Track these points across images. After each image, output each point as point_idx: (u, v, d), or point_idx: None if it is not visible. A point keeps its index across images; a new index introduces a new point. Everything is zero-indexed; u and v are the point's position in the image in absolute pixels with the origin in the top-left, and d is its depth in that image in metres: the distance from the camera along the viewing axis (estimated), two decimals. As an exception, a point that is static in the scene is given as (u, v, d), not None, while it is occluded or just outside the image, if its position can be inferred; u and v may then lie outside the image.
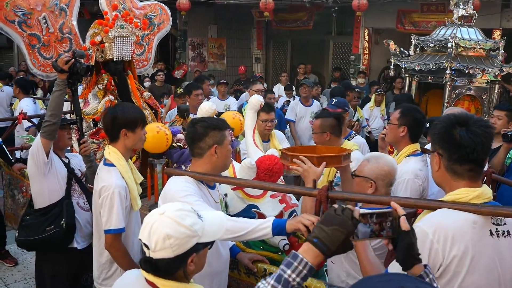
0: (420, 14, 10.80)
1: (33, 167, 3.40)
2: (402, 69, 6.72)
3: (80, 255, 3.50)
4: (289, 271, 1.48)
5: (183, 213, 1.73)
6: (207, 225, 1.76)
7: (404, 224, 1.60)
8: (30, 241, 3.47)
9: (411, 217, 2.29)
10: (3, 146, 5.24)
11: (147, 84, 10.23)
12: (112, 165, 2.91)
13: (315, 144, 3.80)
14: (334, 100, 4.66)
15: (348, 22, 11.97)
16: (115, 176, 2.87)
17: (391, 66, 7.08)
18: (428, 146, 3.56)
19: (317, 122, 3.76)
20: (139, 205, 3.01)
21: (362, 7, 9.37)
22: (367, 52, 11.48)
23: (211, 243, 1.81)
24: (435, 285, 1.58)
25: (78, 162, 3.74)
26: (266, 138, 4.78)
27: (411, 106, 3.57)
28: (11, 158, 5.21)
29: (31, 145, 5.13)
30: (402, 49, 6.93)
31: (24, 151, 6.12)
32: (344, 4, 10.12)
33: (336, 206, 1.58)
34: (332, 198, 2.23)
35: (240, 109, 6.08)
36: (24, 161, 5.82)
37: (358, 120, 6.77)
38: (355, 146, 3.93)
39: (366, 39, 11.38)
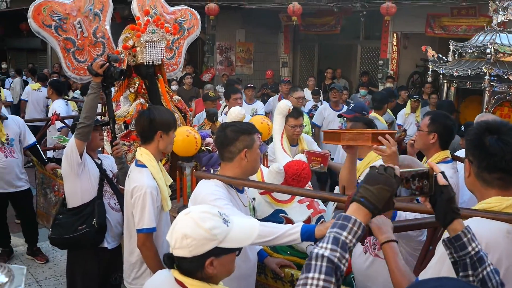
0: (450, 18, 10.62)
1: (67, 167, 3.49)
2: (440, 75, 6.68)
3: (110, 255, 3.58)
4: (345, 233, 1.47)
5: (206, 216, 1.75)
6: (233, 232, 1.76)
7: (441, 180, 1.63)
8: (62, 239, 3.55)
9: (437, 226, 2.27)
10: (38, 146, 5.39)
11: (174, 87, 10.35)
12: (143, 166, 2.98)
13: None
14: (351, 105, 4.64)
15: (376, 26, 11.87)
16: (147, 177, 2.93)
17: (429, 72, 7.04)
18: (460, 153, 3.53)
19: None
20: (169, 205, 3.06)
21: (391, 11, 9.31)
22: (396, 57, 11.37)
23: (238, 250, 1.81)
24: (474, 244, 1.57)
25: (110, 164, 3.82)
26: (294, 142, 4.81)
27: (441, 113, 3.54)
28: (44, 157, 5.35)
29: (63, 145, 5.29)
30: (440, 55, 6.88)
31: (56, 151, 6.28)
32: (373, 8, 10.06)
33: (377, 166, 1.59)
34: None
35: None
36: (56, 160, 5.96)
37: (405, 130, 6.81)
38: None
39: (395, 43, 11.27)
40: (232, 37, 13.70)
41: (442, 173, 1.65)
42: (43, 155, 5.34)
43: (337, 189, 4.02)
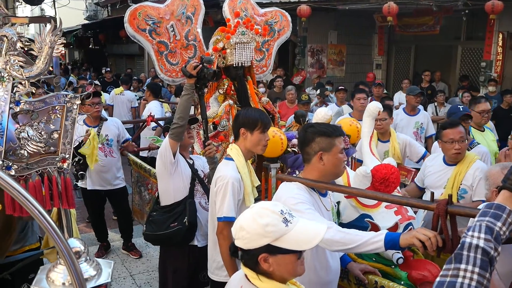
0: None
1: (161, 166, 3.60)
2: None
3: (199, 253, 3.65)
4: (499, 224, 1.34)
5: (265, 212, 1.75)
6: (292, 233, 1.73)
7: None
8: (155, 236, 3.68)
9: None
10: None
11: (261, 90, 10.35)
12: (231, 159, 3.05)
13: None
14: (461, 106, 4.40)
15: (480, 26, 11.17)
16: (231, 169, 3.00)
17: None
18: None
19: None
20: (252, 201, 3.06)
21: (497, 9, 8.70)
22: (501, 59, 10.60)
23: (298, 252, 1.77)
24: None
25: (201, 164, 3.90)
26: (386, 137, 4.71)
27: None
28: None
29: (157, 146, 5.51)
30: None
31: (150, 151, 6.57)
32: (476, 6, 9.47)
33: None
34: (451, 213, 2.08)
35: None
36: (150, 160, 6.24)
37: None
38: (476, 156, 3.83)
39: (500, 44, 10.52)
40: (324, 39, 13.57)
41: None
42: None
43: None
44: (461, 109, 4.25)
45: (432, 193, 2.34)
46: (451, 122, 3.98)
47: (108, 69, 15.80)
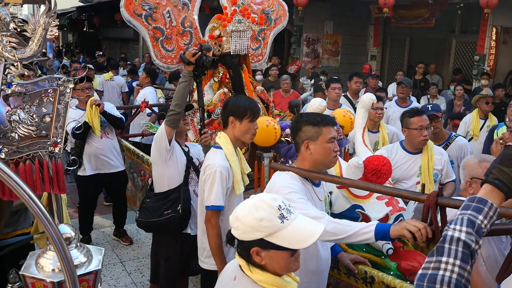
0: (558, 11, 9.77)
1: (156, 153, 3.58)
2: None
3: (192, 241, 3.62)
4: (481, 217, 1.36)
5: (262, 205, 1.72)
6: (287, 230, 1.70)
7: None
8: (148, 223, 3.68)
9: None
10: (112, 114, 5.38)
11: (258, 77, 10.36)
12: (219, 147, 3.04)
13: None
14: (429, 106, 4.52)
15: (474, 19, 11.19)
16: (220, 157, 2.98)
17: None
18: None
19: None
20: (241, 189, 3.07)
21: (492, 3, 8.71)
22: (494, 53, 10.64)
23: (292, 250, 1.73)
24: None
25: (197, 152, 3.88)
26: (376, 127, 4.81)
27: None
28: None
29: (150, 132, 5.49)
30: None
31: (144, 137, 6.55)
32: (471, 0, 9.48)
33: None
34: (441, 205, 2.10)
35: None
36: (144, 146, 6.21)
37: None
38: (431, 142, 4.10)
39: (493, 38, 10.55)
40: (320, 29, 13.52)
41: None
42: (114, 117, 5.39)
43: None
44: (430, 109, 4.42)
45: (423, 185, 2.36)
46: (417, 111, 4.10)
47: (101, 53, 15.60)
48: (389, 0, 9.69)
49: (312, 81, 9.90)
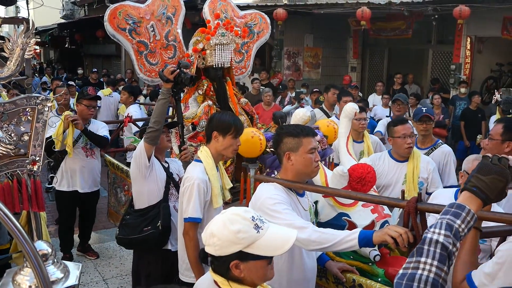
0: (529, 21, 10.05)
1: (135, 169, 3.57)
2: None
3: (173, 257, 3.59)
4: (458, 221, 1.45)
5: (236, 218, 1.73)
6: (263, 239, 1.72)
7: None
8: (128, 240, 3.64)
9: (509, 235, 2.17)
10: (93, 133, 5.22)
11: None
12: (199, 161, 3.07)
13: None
14: (423, 109, 4.53)
15: (449, 30, 11.46)
16: (199, 170, 3.01)
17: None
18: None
19: None
20: (219, 203, 3.09)
21: (464, 14, 8.96)
22: (469, 61, 10.90)
23: (268, 258, 1.77)
24: None
25: (177, 167, 3.87)
26: (360, 137, 4.86)
27: None
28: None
29: (135, 146, 5.45)
30: None
31: (129, 152, 6.50)
32: (445, 12, 9.71)
33: (490, 155, 1.59)
34: (421, 210, 2.17)
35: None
36: (128, 164, 6.13)
37: None
38: (418, 151, 4.12)
39: (468, 47, 10.82)
40: (300, 42, 13.69)
41: None
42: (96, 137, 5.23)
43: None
44: (423, 111, 4.49)
45: (403, 191, 2.43)
46: (400, 119, 4.17)
47: (81, 70, 15.51)
48: (366, 13, 9.88)
49: (293, 94, 10.00)
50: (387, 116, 7.96)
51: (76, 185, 5.28)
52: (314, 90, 8.39)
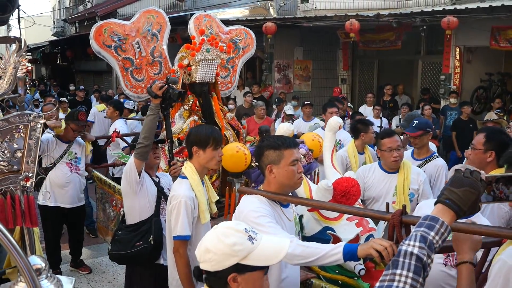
0: (517, 31, 10.15)
1: (126, 185, 3.58)
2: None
3: (165, 272, 3.54)
4: (432, 233, 1.47)
5: (230, 231, 1.73)
6: (258, 250, 1.73)
7: None
8: (120, 255, 3.65)
9: (494, 246, 2.16)
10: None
11: (231, 107, 10.27)
12: (185, 177, 3.07)
13: None
14: (415, 122, 4.45)
15: (438, 41, 11.56)
16: (185, 188, 3.01)
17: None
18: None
19: None
20: (207, 218, 3.09)
21: (452, 25, 9.05)
22: (459, 71, 10.99)
23: (265, 268, 1.77)
24: None
25: (167, 182, 3.87)
26: (362, 150, 4.94)
27: (495, 129, 3.43)
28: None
29: (122, 162, 5.46)
30: None
31: (116, 168, 6.49)
32: (433, 22, 9.81)
33: (462, 169, 1.62)
34: (406, 223, 2.16)
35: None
36: (116, 179, 6.14)
37: None
38: (408, 162, 4.10)
39: (457, 57, 10.91)
40: (290, 55, 13.76)
41: None
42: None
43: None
44: (414, 125, 4.47)
45: (387, 204, 2.42)
46: (387, 132, 4.18)
47: (73, 86, 15.52)
48: (355, 25, 9.95)
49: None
50: (378, 127, 8.04)
51: (60, 201, 5.29)
52: (306, 102, 8.38)
